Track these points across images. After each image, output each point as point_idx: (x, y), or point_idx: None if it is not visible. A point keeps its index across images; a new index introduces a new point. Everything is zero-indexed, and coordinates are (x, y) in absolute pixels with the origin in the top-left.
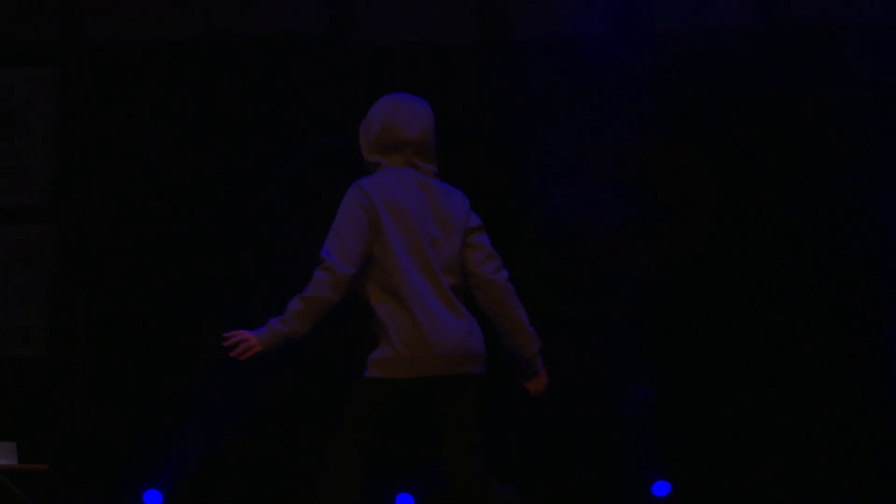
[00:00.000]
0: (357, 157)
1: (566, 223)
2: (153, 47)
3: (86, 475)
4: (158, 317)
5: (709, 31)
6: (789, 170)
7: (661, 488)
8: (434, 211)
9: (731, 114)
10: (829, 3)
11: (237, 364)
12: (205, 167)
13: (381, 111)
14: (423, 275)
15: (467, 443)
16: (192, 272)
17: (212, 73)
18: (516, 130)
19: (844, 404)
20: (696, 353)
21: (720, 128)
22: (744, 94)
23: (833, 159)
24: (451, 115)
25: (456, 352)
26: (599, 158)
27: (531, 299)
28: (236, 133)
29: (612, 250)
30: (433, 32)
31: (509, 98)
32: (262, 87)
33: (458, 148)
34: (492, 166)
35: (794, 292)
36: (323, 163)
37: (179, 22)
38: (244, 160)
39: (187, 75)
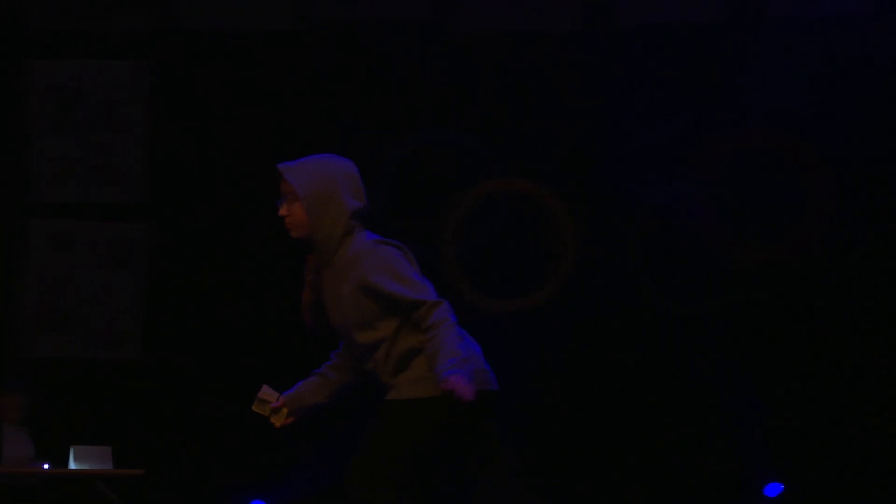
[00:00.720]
0: (458, 149)
1: (675, 218)
2: (248, 38)
3: (182, 481)
4: (257, 317)
5: (823, 19)
6: None
7: (774, 489)
8: None
9: (848, 104)
10: None
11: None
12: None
13: (352, 176)
14: None
15: (497, 456)
16: (292, 270)
17: (309, 63)
18: (623, 120)
19: None
20: (809, 353)
21: (838, 119)
22: (858, 83)
23: None
24: (556, 103)
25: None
26: (711, 150)
27: (638, 297)
28: (335, 125)
29: (723, 247)
30: (537, 19)
31: (615, 86)
32: (361, 78)
33: (562, 137)
34: (598, 157)
35: None
36: (426, 155)
37: (275, 11)
38: (343, 153)
39: (284, 66)
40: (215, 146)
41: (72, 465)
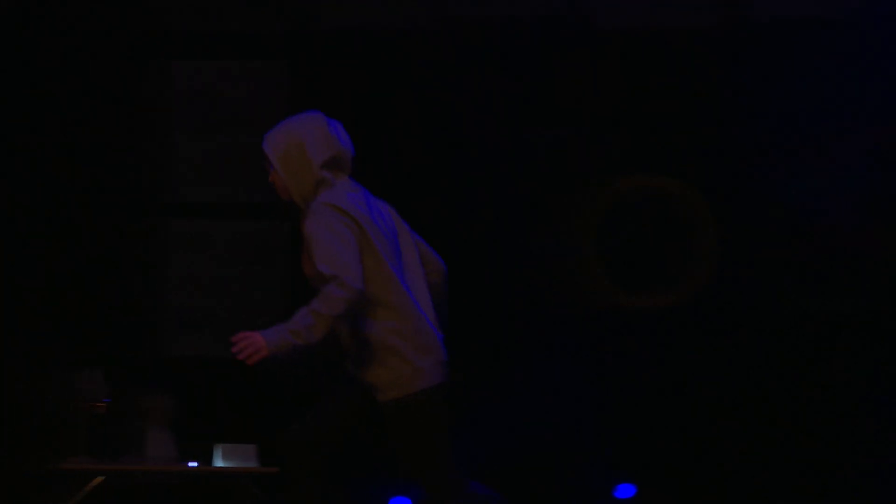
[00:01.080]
0: (598, 148)
1: (812, 213)
2: (385, 36)
3: (327, 478)
4: None
5: None
6: None
7: None
8: (387, 219)
9: None
10: None
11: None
12: (441, 159)
13: (318, 128)
14: (409, 286)
15: (449, 450)
16: None
17: (445, 61)
18: (760, 115)
19: None
20: None
21: None
22: None
23: None
24: (692, 99)
25: (446, 358)
26: (849, 144)
27: (773, 293)
28: (471, 122)
29: (862, 243)
30: (673, 15)
31: (752, 81)
32: (497, 76)
33: (699, 133)
34: (734, 153)
35: None
36: (559, 153)
37: (411, 9)
38: (479, 151)
39: (420, 64)
40: (353, 144)
41: (217, 463)
